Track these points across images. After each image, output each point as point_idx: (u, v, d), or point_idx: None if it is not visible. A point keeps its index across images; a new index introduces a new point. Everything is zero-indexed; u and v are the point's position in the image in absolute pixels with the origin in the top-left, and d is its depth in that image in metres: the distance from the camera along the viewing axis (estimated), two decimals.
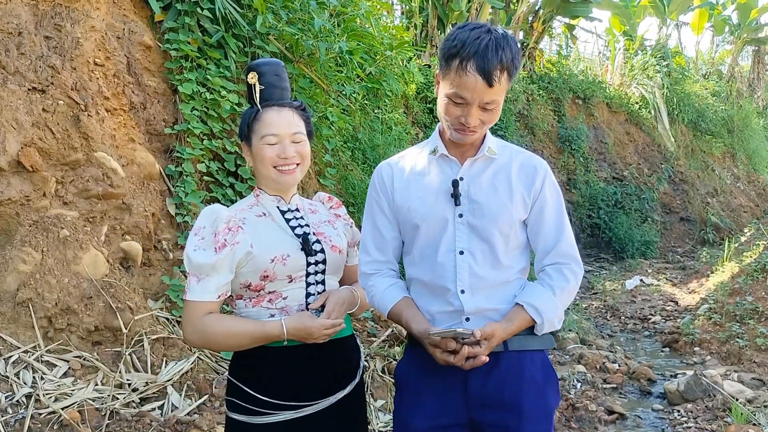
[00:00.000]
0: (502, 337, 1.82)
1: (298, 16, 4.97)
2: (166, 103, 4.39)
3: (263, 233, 1.88)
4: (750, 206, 16.03)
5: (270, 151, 1.88)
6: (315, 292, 1.93)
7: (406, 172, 1.98)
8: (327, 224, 2.03)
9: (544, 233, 1.91)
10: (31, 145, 3.36)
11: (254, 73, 1.92)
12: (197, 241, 1.83)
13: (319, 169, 5.73)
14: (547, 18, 13.26)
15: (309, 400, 1.86)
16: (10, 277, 3.15)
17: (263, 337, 1.82)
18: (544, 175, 1.92)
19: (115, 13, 4.19)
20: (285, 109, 1.93)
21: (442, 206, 1.90)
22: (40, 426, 2.78)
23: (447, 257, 1.88)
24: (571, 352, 5.77)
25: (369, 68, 6.39)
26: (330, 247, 1.96)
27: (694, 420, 4.33)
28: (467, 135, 1.84)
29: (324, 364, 1.91)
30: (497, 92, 1.77)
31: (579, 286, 1.93)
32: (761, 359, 5.48)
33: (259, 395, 1.84)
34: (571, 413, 4.31)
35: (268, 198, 1.97)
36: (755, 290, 6.41)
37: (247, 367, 1.90)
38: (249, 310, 1.89)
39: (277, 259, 1.84)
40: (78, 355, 3.20)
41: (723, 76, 19.43)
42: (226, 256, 1.80)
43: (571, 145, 12.75)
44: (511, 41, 1.79)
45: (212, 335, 1.81)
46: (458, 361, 1.78)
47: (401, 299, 1.94)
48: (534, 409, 1.85)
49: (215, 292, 1.81)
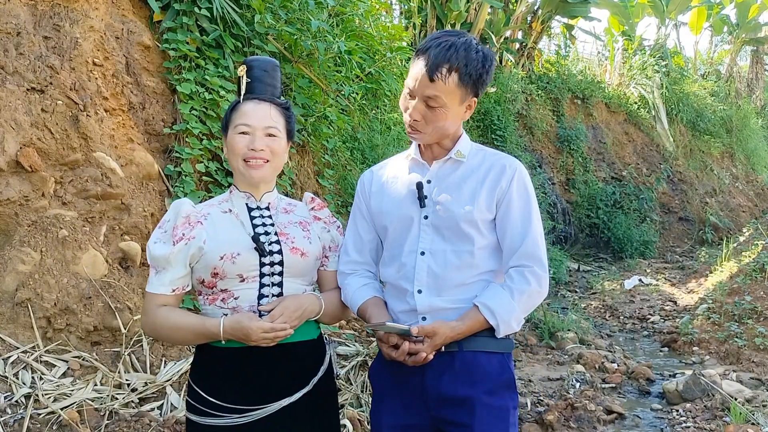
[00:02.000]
0: (448, 336, 1.82)
1: (297, 16, 4.97)
2: (165, 103, 4.39)
3: (220, 230, 1.85)
4: (748, 206, 16.05)
5: (241, 141, 1.85)
6: (270, 294, 1.86)
7: (383, 177, 2.07)
8: (297, 225, 1.96)
9: (510, 233, 1.90)
10: (29, 145, 3.36)
11: (244, 66, 1.91)
12: (159, 233, 1.84)
13: (318, 169, 5.72)
14: (545, 18, 13.26)
15: (255, 404, 1.80)
16: (9, 278, 3.15)
17: (203, 334, 1.79)
18: (512, 174, 1.91)
19: (113, 13, 4.19)
20: (264, 102, 1.89)
21: (409, 208, 1.94)
22: (39, 426, 2.78)
23: (409, 257, 1.92)
24: (570, 351, 5.77)
25: (368, 68, 6.39)
26: (290, 248, 1.89)
27: (693, 419, 4.33)
28: (413, 133, 1.90)
29: (273, 369, 1.84)
30: (440, 89, 1.80)
31: (544, 288, 1.90)
32: (760, 359, 5.49)
33: (208, 396, 1.81)
34: (570, 413, 4.32)
35: (239, 194, 1.94)
36: (754, 290, 6.42)
37: (200, 367, 1.88)
38: (207, 307, 1.87)
39: (226, 257, 1.81)
40: (77, 355, 3.20)
41: (721, 76, 19.45)
42: (179, 250, 1.79)
43: (569, 145, 12.75)
44: (475, 51, 1.82)
45: (161, 328, 1.82)
46: (399, 356, 1.82)
47: (370, 298, 1.99)
48: (489, 407, 1.85)
49: (169, 286, 1.81)
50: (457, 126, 1.94)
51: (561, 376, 5.09)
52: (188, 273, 1.84)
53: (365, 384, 3.81)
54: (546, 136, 12.62)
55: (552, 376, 5.14)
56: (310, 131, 5.38)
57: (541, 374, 5.21)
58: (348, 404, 3.62)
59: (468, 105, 1.90)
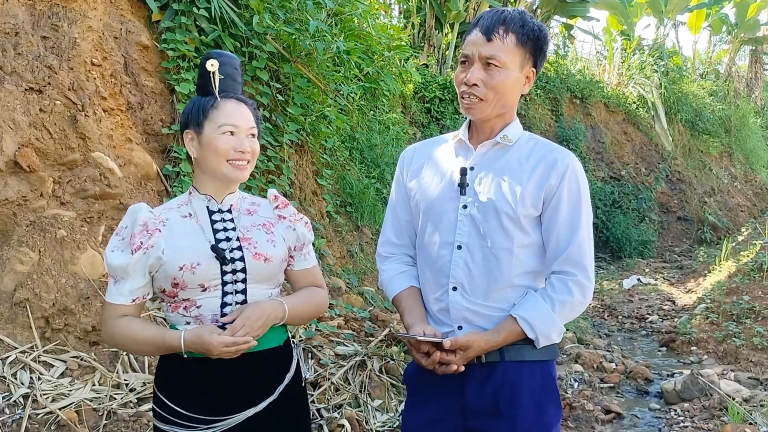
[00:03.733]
0: (483, 349, 1.74)
1: (296, 16, 4.97)
2: (164, 103, 4.39)
3: (179, 238, 1.77)
4: (747, 206, 16.06)
5: (226, 141, 1.76)
6: (233, 301, 1.78)
7: (425, 156, 1.95)
8: (260, 228, 1.86)
9: (555, 235, 1.77)
10: (28, 145, 3.36)
11: (215, 60, 1.80)
12: (117, 241, 1.76)
13: (316, 168, 5.73)
14: (544, 17, 13.27)
15: (220, 414, 1.75)
16: (7, 278, 3.15)
17: (163, 347, 1.74)
18: (564, 170, 1.77)
19: (112, 13, 4.19)
20: (242, 104, 1.82)
21: (448, 194, 1.83)
22: (38, 426, 2.78)
23: (445, 250, 1.81)
24: (569, 351, 5.78)
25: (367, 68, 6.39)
26: (252, 254, 1.79)
27: (691, 419, 4.34)
28: (471, 106, 1.78)
29: (238, 378, 1.78)
30: (498, 48, 1.73)
31: (588, 297, 1.78)
32: (758, 358, 5.50)
33: (174, 405, 1.76)
34: (569, 412, 4.32)
35: (199, 197, 1.84)
36: (752, 289, 6.43)
37: (165, 375, 1.84)
38: (170, 315, 1.81)
39: (185, 267, 1.73)
40: (75, 355, 3.20)
41: (720, 76, 19.46)
42: (138, 260, 1.72)
43: (568, 145, 12.75)
44: (529, 17, 1.78)
45: (120, 339, 1.77)
46: (429, 365, 1.75)
47: (406, 288, 1.91)
48: (530, 422, 1.77)
49: (129, 296, 1.75)
50: (517, 97, 1.84)
51: (559, 376, 5.10)
52: (148, 282, 1.77)
53: (363, 384, 3.81)
54: (545, 135, 12.58)
55: None
56: (309, 131, 5.38)
57: None
58: (347, 404, 3.62)
59: (527, 75, 1.82)
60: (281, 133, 4.91)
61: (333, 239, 5.57)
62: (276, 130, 4.91)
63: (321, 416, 3.46)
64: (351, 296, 4.91)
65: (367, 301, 4.98)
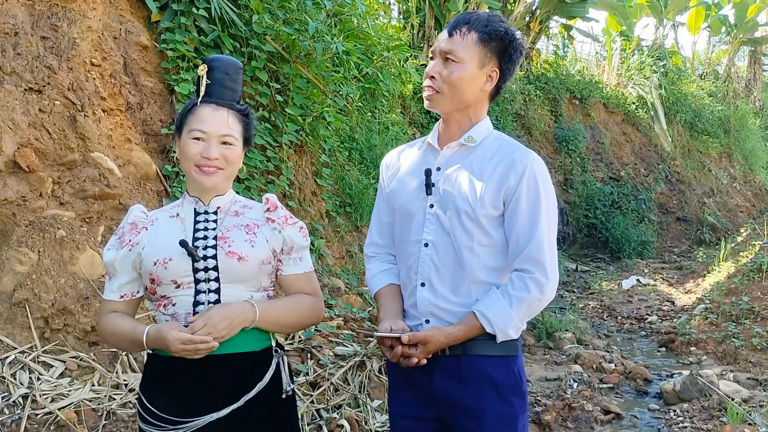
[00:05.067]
0: (442, 343, 1.81)
1: (295, 16, 4.97)
2: (163, 103, 4.39)
3: (161, 235, 1.82)
4: (746, 206, 16.07)
5: (194, 147, 1.78)
6: (206, 300, 1.78)
7: (401, 159, 2.05)
8: (241, 229, 1.85)
9: (515, 234, 1.82)
10: (27, 145, 3.36)
11: (205, 65, 1.82)
12: (114, 240, 1.85)
13: (316, 169, 5.73)
14: (543, 18, 13.27)
15: (186, 416, 1.74)
16: (7, 278, 3.15)
17: (133, 342, 1.77)
18: (523, 171, 1.81)
19: (111, 13, 4.19)
20: (223, 108, 1.81)
21: (416, 195, 1.92)
22: (37, 427, 2.78)
23: (414, 248, 1.90)
24: (568, 351, 5.78)
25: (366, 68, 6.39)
26: (225, 252, 1.79)
27: (690, 420, 4.34)
28: (430, 98, 1.88)
29: (203, 381, 1.76)
30: (457, 44, 1.82)
31: (547, 294, 1.82)
32: (757, 359, 5.50)
33: (148, 404, 1.79)
34: (568, 413, 4.32)
35: (189, 199, 1.89)
36: (751, 290, 6.43)
37: (145, 374, 1.88)
38: (156, 314, 1.86)
39: (159, 263, 1.77)
40: (74, 355, 3.19)
41: (719, 77, 19.46)
42: (123, 256, 1.80)
43: (568, 146, 12.77)
44: (499, 20, 1.85)
45: (104, 333, 1.84)
46: (392, 358, 1.83)
47: (384, 286, 2.01)
48: (496, 414, 1.84)
49: (117, 292, 1.82)
50: (476, 94, 1.88)
51: (558, 376, 5.10)
52: (135, 279, 1.83)
53: (363, 384, 3.81)
54: (544, 136, 12.62)
55: (549, 376, 5.15)
56: (308, 131, 5.38)
57: (538, 374, 5.22)
58: (346, 405, 3.63)
59: (488, 74, 1.85)
60: (280, 134, 4.91)
61: (332, 239, 5.57)
62: (275, 130, 4.91)
63: (320, 416, 3.46)
64: (350, 296, 4.91)
65: (366, 301, 4.98)
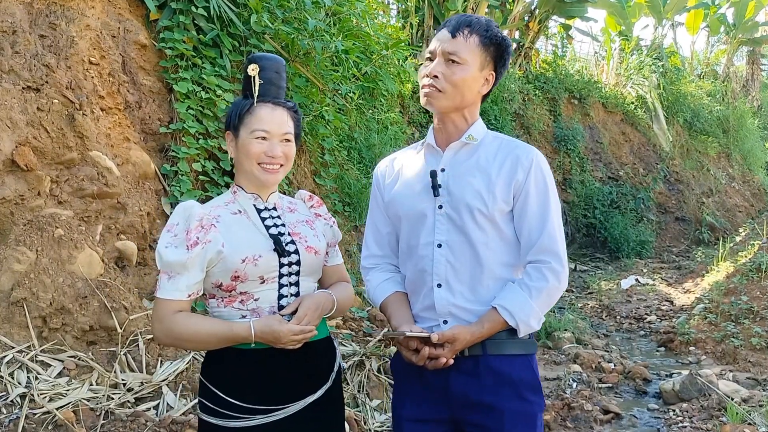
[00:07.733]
0: (469, 341, 1.81)
1: (294, 15, 4.96)
2: (162, 102, 4.38)
3: (236, 232, 1.84)
4: (745, 206, 16.09)
5: (258, 146, 1.85)
6: (288, 293, 1.88)
7: (397, 167, 2.05)
8: (305, 224, 1.98)
9: (527, 227, 1.87)
10: (25, 144, 3.35)
11: (256, 65, 1.89)
12: (170, 238, 1.80)
13: (315, 168, 5.72)
14: (542, 17, 13.28)
15: (278, 404, 1.82)
16: (5, 277, 3.14)
17: (230, 339, 1.79)
18: (529, 166, 1.87)
19: (110, 11, 4.18)
20: (279, 108, 1.90)
21: (423, 197, 1.92)
22: (35, 426, 2.77)
23: (426, 250, 1.90)
24: (567, 351, 5.77)
25: (365, 68, 6.39)
26: (305, 247, 1.90)
27: (690, 419, 4.33)
28: (430, 97, 1.90)
29: (294, 368, 1.86)
30: (461, 45, 1.85)
31: (563, 283, 1.87)
32: (756, 359, 5.50)
33: (229, 398, 1.81)
34: (567, 413, 4.32)
35: (245, 195, 1.92)
36: (750, 290, 6.43)
37: (218, 368, 1.87)
38: (221, 310, 1.86)
39: (248, 260, 1.80)
40: (73, 354, 3.18)
41: (718, 76, 19.50)
42: (197, 254, 1.76)
43: (566, 145, 12.76)
44: (495, 25, 1.90)
45: (180, 334, 1.79)
46: (419, 361, 1.81)
47: (391, 294, 1.99)
48: (515, 412, 1.84)
49: (185, 291, 1.78)
50: (475, 96, 1.93)
51: (558, 376, 5.09)
52: (203, 277, 1.82)
53: (362, 384, 3.80)
54: (543, 135, 12.62)
55: (549, 376, 5.14)
56: (307, 130, 5.38)
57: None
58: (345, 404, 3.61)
59: (486, 77, 1.91)
60: None
61: None
62: None
63: None
64: None
65: (365, 301, 4.98)
